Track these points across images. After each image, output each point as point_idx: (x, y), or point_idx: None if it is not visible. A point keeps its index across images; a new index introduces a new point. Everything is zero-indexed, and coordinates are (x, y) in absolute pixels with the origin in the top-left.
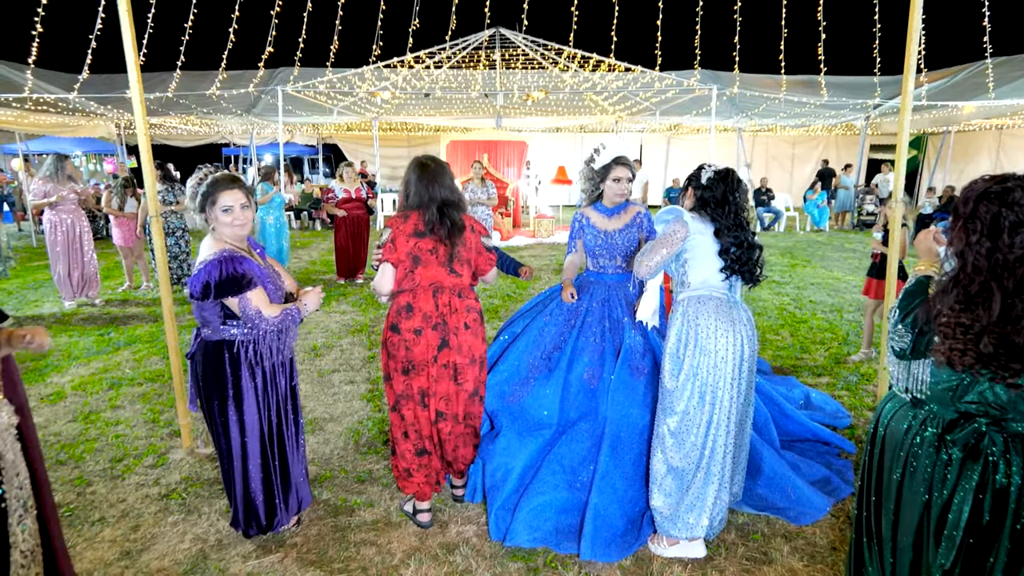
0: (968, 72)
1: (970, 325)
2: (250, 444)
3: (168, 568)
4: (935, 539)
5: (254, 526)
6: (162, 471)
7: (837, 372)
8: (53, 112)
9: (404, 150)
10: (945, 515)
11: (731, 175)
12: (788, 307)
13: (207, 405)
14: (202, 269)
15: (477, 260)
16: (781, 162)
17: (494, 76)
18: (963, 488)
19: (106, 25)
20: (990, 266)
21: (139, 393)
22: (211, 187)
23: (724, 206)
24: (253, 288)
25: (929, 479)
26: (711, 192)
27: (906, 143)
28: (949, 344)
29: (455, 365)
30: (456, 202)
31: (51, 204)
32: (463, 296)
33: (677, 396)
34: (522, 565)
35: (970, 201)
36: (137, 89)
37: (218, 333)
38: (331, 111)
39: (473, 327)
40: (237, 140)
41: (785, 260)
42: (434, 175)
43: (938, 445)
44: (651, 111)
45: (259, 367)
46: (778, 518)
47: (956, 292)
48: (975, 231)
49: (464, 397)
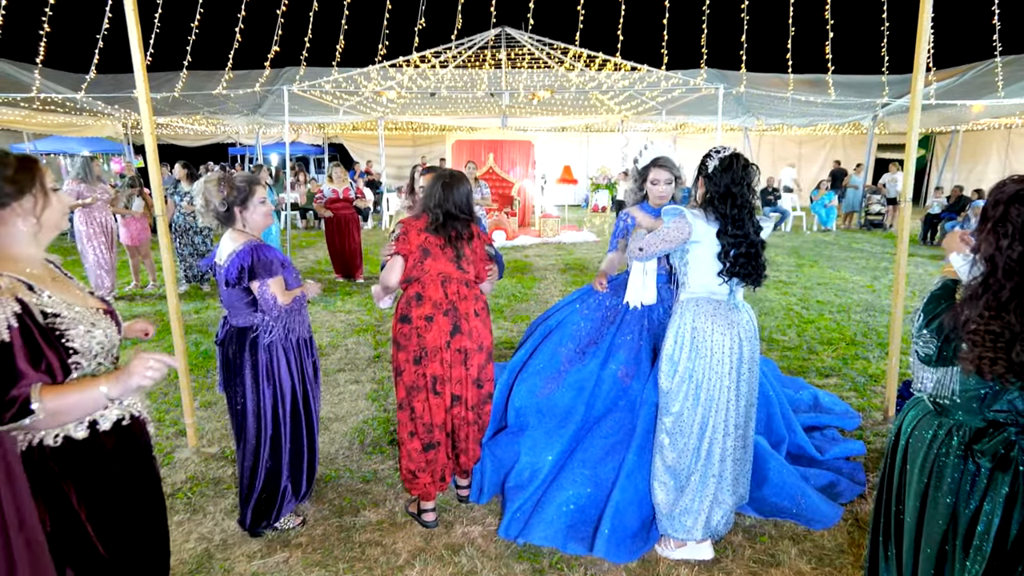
0: (977, 71)
1: (1000, 332)
2: (281, 421)
3: (173, 568)
4: (963, 550)
5: (273, 512)
6: (168, 471)
7: (845, 373)
8: (61, 112)
9: (410, 149)
10: (974, 526)
11: (736, 163)
12: (795, 307)
13: (231, 386)
14: (236, 257)
15: (479, 266)
16: (788, 161)
17: (500, 75)
18: (991, 499)
19: (113, 25)
20: (1023, 271)
21: (145, 392)
22: (249, 184)
23: (728, 200)
24: (276, 275)
25: (956, 489)
26: (715, 185)
27: (915, 143)
28: (978, 352)
29: (466, 351)
30: (459, 216)
31: (85, 205)
32: (470, 287)
33: (672, 397)
34: (528, 566)
35: (1000, 204)
36: (143, 89)
37: (245, 319)
38: (337, 111)
39: (482, 315)
40: (243, 140)
41: (792, 260)
42: (448, 188)
43: (964, 455)
44: (657, 110)
45: (283, 349)
46: (786, 520)
47: (986, 298)
48: (1006, 235)
49: (471, 383)
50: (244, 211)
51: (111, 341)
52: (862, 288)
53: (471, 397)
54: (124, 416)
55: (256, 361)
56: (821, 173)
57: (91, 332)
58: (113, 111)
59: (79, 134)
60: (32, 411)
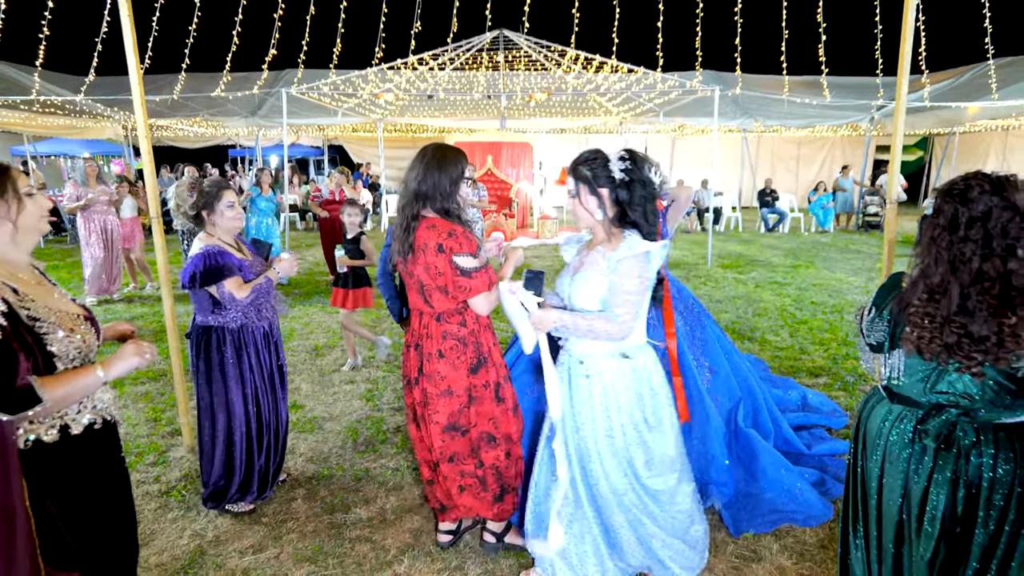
0: (973, 73)
1: (934, 315)
2: (236, 417)
3: (166, 563)
4: (916, 532)
5: (236, 494)
6: (162, 469)
7: (835, 372)
8: (60, 114)
9: (409, 151)
10: (924, 507)
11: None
12: (789, 308)
13: (197, 380)
14: (190, 262)
15: (451, 287)
16: (786, 163)
17: (497, 78)
18: (938, 479)
19: (112, 27)
20: (949, 259)
21: (141, 392)
22: (217, 189)
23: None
24: (228, 277)
25: (906, 470)
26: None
27: (900, 145)
28: (917, 333)
29: (427, 394)
30: (426, 195)
31: (82, 207)
32: (441, 321)
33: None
34: (514, 562)
35: (936, 199)
36: (138, 92)
37: (208, 318)
38: (335, 113)
39: (449, 356)
40: (243, 142)
41: (788, 261)
42: (426, 161)
43: (913, 436)
44: (655, 112)
45: (245, 348)
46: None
47: (923, 283)
48: (938, 226)
49: (437, 431)
50: (212, 215)
51: (89, 346)
52: (856, 289)
53: (439, 448)
54: (96, 420)
55: (210, 360)
56: (820, 174)
57: (70, 337)
58: (113, 113)
59: (79, 136)
60: (41, 399)
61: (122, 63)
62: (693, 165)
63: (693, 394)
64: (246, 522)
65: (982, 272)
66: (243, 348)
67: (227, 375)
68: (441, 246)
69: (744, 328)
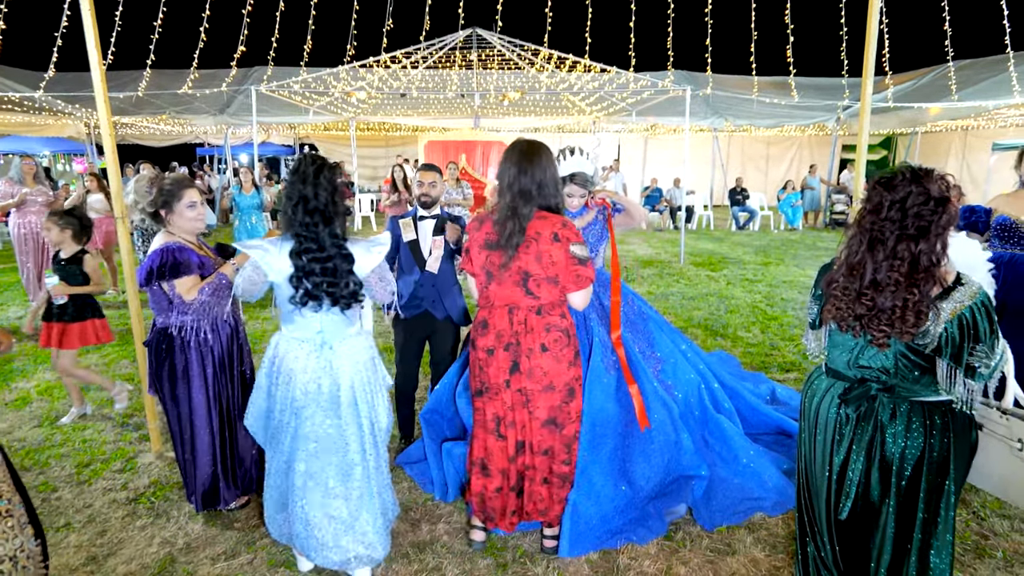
0: (934, 75)
1: (849, 288)
2: (198, 422)
3: (135, 572)
4: (837, 496)
5: (203, 500)
6: (130, 475)
7: (805, 368)
8: (19, 111)
9: (382, 150)
10: (844, 474)
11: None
12: (760, 304)
13: (159, 386)
14: (148, 257)
15: (565, 277)
16: (756, 162)
17: (471, 76)
18: (856, 448)
19: (73, 22)
20: (869, 239)
21: (107, 397)
22: (176, 186)
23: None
24: (184, 276)
25: (831, 439)
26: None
27: (866, 144)
28: (835, 305)
29: (527, 392)
30: (533, 193)
31: (14, 206)
32: (543, 313)
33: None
34: (491, 561)
35: (868, 189)
36: (101, 88)
37: (164, 319)
38: (307, 111)
39: (553, 349)
40: (212, 140)
41: (759, 258)
42: (521, 159)
43: (839, 406)
44: (628, 112)
45: (207, 349)
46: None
47: (847, 263)
48: (866, 211)
49: (536, 426)
50: (170, 214)
51: None
52: None
53: (538, 442)
54: None
55: (174, 366)
56: (788, 173)
57: None
58: (74, 110)
59: (39, 134)
60: None
61: (84, 58)
62: (665, 164)
63: (649, 397)
64: (218, 528)
65: (895, 251)
66: (206, 348)
67: (191, 378)
68: (557, 235)
69: (716, 325)
